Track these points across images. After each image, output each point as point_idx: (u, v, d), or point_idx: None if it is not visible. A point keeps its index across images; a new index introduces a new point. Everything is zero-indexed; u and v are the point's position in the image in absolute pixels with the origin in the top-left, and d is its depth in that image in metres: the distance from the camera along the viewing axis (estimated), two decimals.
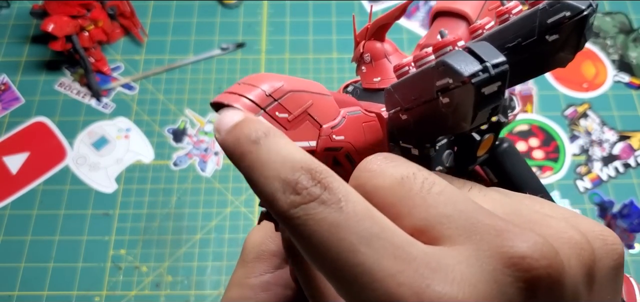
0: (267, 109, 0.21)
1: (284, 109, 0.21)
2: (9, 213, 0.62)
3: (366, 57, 0.27)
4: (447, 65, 0.18)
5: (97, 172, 0.65)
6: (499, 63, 0.17)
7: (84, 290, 0.58)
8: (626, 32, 0.74)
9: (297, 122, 0.22)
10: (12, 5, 0.77)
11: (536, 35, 0.20)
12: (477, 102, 0.18)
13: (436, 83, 0.18)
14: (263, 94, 0.21)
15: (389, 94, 0.22)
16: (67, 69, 0.72)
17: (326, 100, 0.23)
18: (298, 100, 0.22)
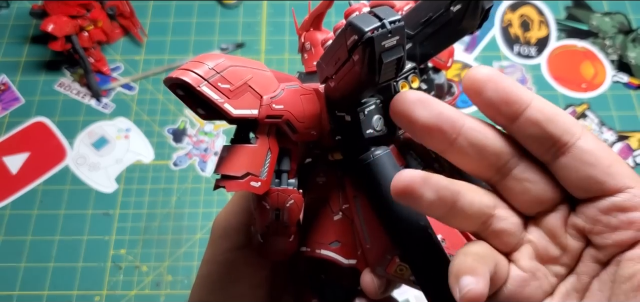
0: (210, 80, 0.24)
1: (225, 81, 0.24)
2: (9, 213, 0.62)
3: (307, 45, 0.30)
4: (352, 25, 0.21)
5: (97, 172, 0.65)
6: (395, 20, 0.21)
7: (84, 290, 0.58)
8: (625, 33, 0.74)
9: (238, 92, 0.24)
10: (11, 5, 0.77)
11: (443, 9, 0.24)
12: (379, 54, 0.21)
13: (347, 42, 0.22)
14: (207, 68, 0.24)
15: (319, 67, 0.25)
16: (66, 69, 0.72)
17: (265, 75, 0.26)
18: (238, 74, 0.25)
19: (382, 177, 0.25)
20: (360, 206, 0.28)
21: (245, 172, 0.24)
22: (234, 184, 0.25)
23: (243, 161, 0.25)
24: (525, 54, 0.73)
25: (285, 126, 0.26)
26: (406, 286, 0.30)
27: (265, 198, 0.26)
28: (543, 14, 0.76)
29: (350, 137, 0.27)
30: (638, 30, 0.74)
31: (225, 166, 0.25)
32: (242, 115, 0.25)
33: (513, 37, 0.74)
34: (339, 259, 0.29)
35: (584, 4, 0.77)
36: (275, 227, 0.28)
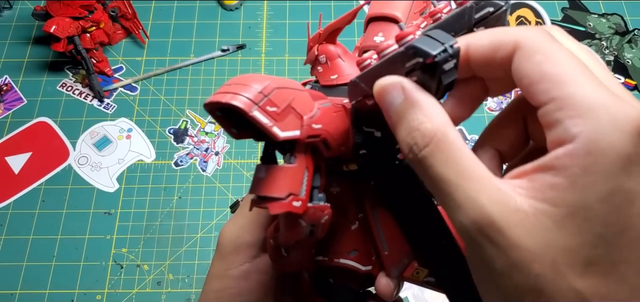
0: (260, 104, 0.23)
1: (273, 104, 0.24)
2: (11, 212, 0.63)
3: (321, 58, 0.30)
4: (417, 49, 0.21)
5: (99, 172, 0.65)
6: (453, 43, 0.21)
7: (85, 288, 0.58)
8: (621, 34, 0.75)
9: (284, 114, 0.25)
10: (14, 7, 0.78)
11: (466, 29, 0.24)
12: (439, 78, 0.21)
13: (406, 65, 0.22)
14: (256, 92, 0.24)
15: (353, 86, 0.25)
16: (69, 70, 0.73)
17: (304, 94, 0.26)
18: (283, 96, 0.25)
19: (412, 187, 0.27)
20: (378, 216, 0.29)
21: (288, 193, 0.25)
22: (278, 205, 0.24)
23: (284, 181, 0.25)
24: None
25: (321, 144, 0.26)
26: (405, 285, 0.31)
27: (302, 215, 0.26)
28: (540, 16, 0.77)
29: (378, 151, 0.27)
30: (634, 31, 0.75)
31: (267, 188, 0.25)
32: (288, 138, 0.25)
33: None
34: (358, 266, 0.30)
35: (581, 5, 0.77)
36: (303, 245, 0.28)
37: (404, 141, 0.21)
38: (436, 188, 0.20)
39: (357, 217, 0.30)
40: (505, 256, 0.18)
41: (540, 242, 0.18)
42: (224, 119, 0.25)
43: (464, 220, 0.19)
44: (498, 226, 0.19)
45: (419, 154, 0.20)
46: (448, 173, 0.20)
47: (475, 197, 0.19)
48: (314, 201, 0.27)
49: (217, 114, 0.25)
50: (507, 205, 0.19)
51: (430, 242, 0.27)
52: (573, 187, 0.18)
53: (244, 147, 0.68)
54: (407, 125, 0.21)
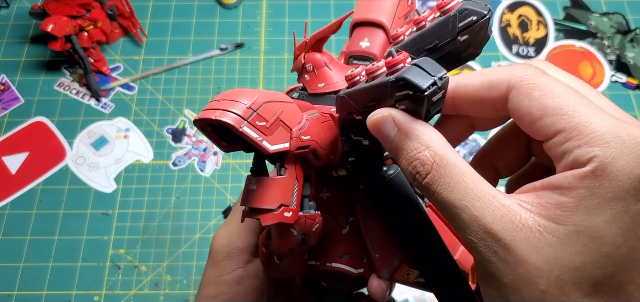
0: (249, 120, 0.24)
1: (262, 118, 0.25)
2: (8, 213, 0.62)
3: (309, 66, 0.30)
4: (407, 81, 0.22)
5: (97, 172, 0.65)
6: (443, 76, 0.22)
7: (83, 290, 0.58)
8: (623, 33, 0.74)
9: (273, 128, 0.25)
10: (11, 6, 0.77)
11: (450, 38, 0.25)
12: (428, 108, 0.22)
13: (396, 95, 0.23)
14: (244, 107, 0.24)
15: (341, 100, 0.26)
16: (66, 70, 0.72)
17: (292, 107, 0.27)
18: (272, 110, 0.25)
19: (400, 192, 0.27)
20: (368, 220, 0.30)
21: (279, 204, 0.25)
22: (270, 217, 0.25)
23: (275, 193, 0.25)
24: (524, 54, 0.73)
25: (311, 155, 0.27)
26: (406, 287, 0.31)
27: (293, 225, 0.27)
28: (541, 15, 0.76)
29: (366, 158, 0.28)
30: (637, 30, 0.74)
31: (258, 200, 0.25)
32: (277, 151, 0.25)
33: (512, 37, 0.74)
34: (350, 270, 0.30)
35: (583, 4, 0.77)
36: (296, 253, 0.29)
37: (406, 171, 0.22)
38: (443, 212, 0.21)
39: (348, 221, 0.31)
40: (513, 271, 0.19)
41: (545, 258, 0.18)
42: (214, 134, 0.26)
43: (472, 238, 0.20)
44: (505, 243, 0.19)
45: (423, 182, 0.21)
46: (452, 197, 0.20)
47: (480, 216, 0.19)
48: (305, 210, 0.27)
49: (207, 129, 0.26)
50: (512, 221, 0.19)
51: (420, 244, 0.27)
52: (579, 208, 0.18)
53: None
54: (407, 156, 0.22)
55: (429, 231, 0.27)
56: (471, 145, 0.66)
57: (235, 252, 0.33)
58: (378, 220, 0.30)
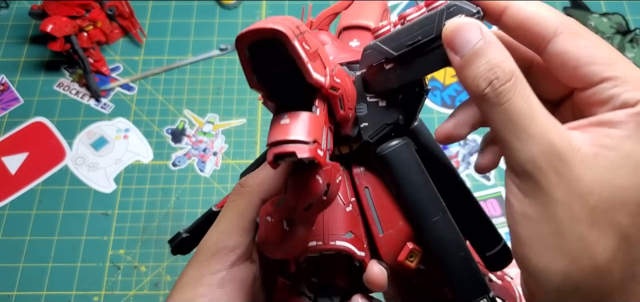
0: (298, 37, 0.23)
1: (307, 42, 0.24)
2: (8, 213, 0.62)
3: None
4: (458, 6, 0.24)
5: (96, 172, 0.65)
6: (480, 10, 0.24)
7: (82, 290, 0.58)
8: (623, 33, 0.74)
9: (314, 55, 0.24)
10: (11, 6, 0.77)
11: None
12: None
13: (444, 22, 0.24)
14: (294, 25, 0.24)
15: (372, 50, 0.27)
16: (66, 70, 0.72)
17: (326, 49, 0.27)
18: (312, 39, 0.25)
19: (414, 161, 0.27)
20: (371, 196, 0.29)
21: (313, 139, 0.23)
22: (304, 148, 0.23)
23: (310, 127, 0.23)
24: None
25: (337, 101, 0.26)
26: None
27: (320, 172, 0.25)
28: None
29: (379, 121, 0.28)
30: (636, 30, 0.74)
31: (290, 131, 0.23)
32: (317, 81, 0.24)
33: None
34: (354, 250, 0.28)
35: (582, 4, 0.77)
36: (312, 214, 0.27)
37: (481, 76, 0.22)
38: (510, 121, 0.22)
39: (350, 200, 0.29)
40: (568, 186, 0.21)
41: (598, 179, 0.21)
42: (248, 62, 0.24)
43: (535, 150, 0.21)
44: (565, 159, 0.21)
45: (500, 87, 0.22)
46: (525, 107, 0.22)
47: (546, 131, 0.21)
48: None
49: (246, 52, 0.24)
50: (571, 143, 0.21)
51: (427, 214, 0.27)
52: (629, 138, 0.21)
53: (242, 147, 0.67)
54: (488, 62, 0.22)
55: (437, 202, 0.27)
56: (470, 146, 0.66)
57: (222, 251, 0.30)
58: (383, 197, 0.29)
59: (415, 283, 0.30)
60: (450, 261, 0.26)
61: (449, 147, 0.65)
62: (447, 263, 0.26)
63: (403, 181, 0.27)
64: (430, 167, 0.28)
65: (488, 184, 0.63)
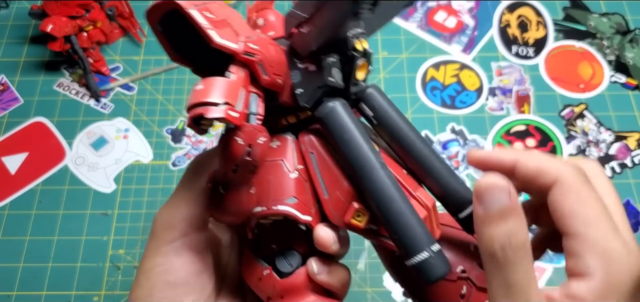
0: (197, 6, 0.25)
1: (210, 11, 0.26)
2: (7, 213, 0.62)
3: (259, 21, 0.33)
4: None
5: (96, 172, 0.65)
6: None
7: (82, 290, 0.58)
8: (623, 33, 0.74)
9: (220, 24, 0.26)
10: (10, 6, 0.77)
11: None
12: None
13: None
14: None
15: (289, 17, 0.28)
16: (65, 70, 0.72)
17: (243, 21, 0.28)
18: (221, 9, 0.27)
19: (347, 121, 0.28)
20: (316, 160, 0.30)
21: (224, 100, 0.25)
22: (215, 109, 0.25)
23: (221, 90, 0.25)
24: (523, 54, 0.73)
25: (257, 66, 0.27)
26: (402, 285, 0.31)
27: (238, 133, 0.27)
28: (541, 15, 0.76)
29: (312, 86, 0.29)
30: (636, 30, 0.75)
31: (202, 94, 0.25)
32: (224, 45, 0.26)
33: (511, 37, 0.74)
34: (296, 214, 0.29)
35: (582, 4, 0.77)
36: (242, 176, 0.29)
37: (498, 239, 0.25)
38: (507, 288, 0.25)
39: (296, 167, 0.30)
40: None
41: None
42: (163, 37, 0.27)
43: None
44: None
45: (510, 255, 0.24)
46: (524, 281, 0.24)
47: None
48: (250, 122, 0.28)
49: (157, 28, 0.27)
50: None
51: (368, 170, 0.27)
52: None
53: None
54: (508, 228, 0.25)
55: (375, 158, 0.27)
56: (470, 146, 0.66)
57: (174, 222, 0.32)
58: (327, 161, 0.30)
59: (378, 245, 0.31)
60: (391, 215, 0.27)
61: (449, 147, 0.65)
62: (388, 217, 0.27)
63: (338, 139, 0.28)
64: (389, 131, 0.30)
65: None
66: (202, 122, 0.26)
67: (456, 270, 0.30)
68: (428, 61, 0.72)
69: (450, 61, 0.72)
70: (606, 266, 0.24)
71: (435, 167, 0.30)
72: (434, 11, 0.77)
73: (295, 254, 0.31)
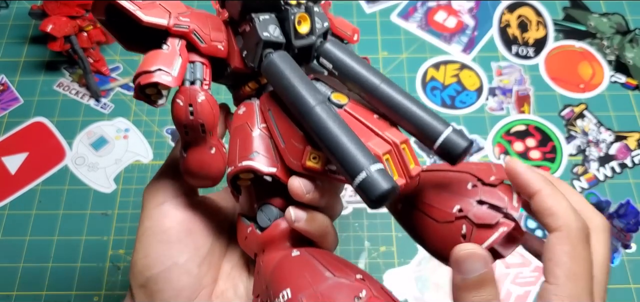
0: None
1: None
2: (7, 213, 0.62)
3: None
4: None
5: (96, 172, 0.65)
6: None
7: (82, 290, 0.58)
8: (623, 33, 0.74)
9: (150, 5, 0.29)
10: (10, 6, 0.77)
11: None
12: None
13: None
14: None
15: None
16: (66, 70, 0.72)
17: (180, 3, 0.31)
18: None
19: (285, 68, 0.30)
20: (273, 115, 0.32)
21: (157, 67, 0.28)
22: (147, 76, 0.28)
23: (155, 60, 0.29)
24: (523, 54, 0.73)
25: (193, 36, 0.30)
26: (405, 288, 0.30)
27: (178, 95, 0.30)
28: (541, 15, 0.76)
29: (252, 45, 0.31)
30: (636, 30, 0.75)
31: (140, 66, 0.28)
32: (152, 22, 0.29)
33: (511, 37, 0.75)
34: (258, 167, 0.31)
35: (582, 4, 0.77)
36: (194, 136, 0.31)
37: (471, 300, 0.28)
38: None
39: (258, 126, 0.32)
40: None
41: None
42: (111, 29, 0.30)
43: None
44: None
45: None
46: None
47: None
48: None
49: (104, 22, 0.30)
50: None
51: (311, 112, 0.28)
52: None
53: None
54: (483, 296, 0.27)
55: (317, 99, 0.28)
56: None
57: (159, 187, 0.34)
58: (282, 114, 0.31)
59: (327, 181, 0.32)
60: (330, 145, 0.27)
61: None
62: (329, 148, 0.28)
63: (278, 88, 0.30)
64: (351, 80, 0.31)
65: None
66: (147, 92, 0.29)
67: (453, 211, 0.30)
68: (428, 61, 0.72)
69: (450, 61, 0.72)
70: (567, 227, 0.28)
71: (402, 105, 0.30)
72: (434, 11, 0.77)
73: (272, 209, 0.33)
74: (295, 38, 0.31)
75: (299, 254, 0.31)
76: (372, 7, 0.76)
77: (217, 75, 0.34)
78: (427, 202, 0.31)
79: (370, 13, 0.76)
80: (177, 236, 0.33)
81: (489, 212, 0.29)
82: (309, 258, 0.30)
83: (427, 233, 0.32)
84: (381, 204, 0.26)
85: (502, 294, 0.54)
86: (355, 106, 0.31)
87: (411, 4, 0.77)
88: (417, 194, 0.32)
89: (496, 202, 0.29)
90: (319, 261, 0.29)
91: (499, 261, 0.33)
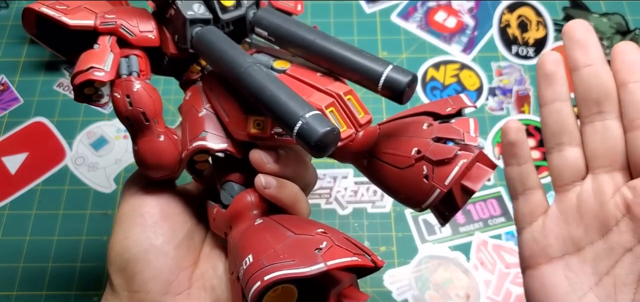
0: (46, 4, 0.30)
1: (62, 4, 0.31)
2: (7, 213, 0.62)
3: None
4: None
5: (96, 172, 0.65)
6: None
7: (82, 290, 0.58)
8: (623, 33, 0.75)
9: (75, 10, 0.31)
10: (11, 6, 0.77)
11: None
12: None
13: None
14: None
15: None
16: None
17: (105, 3, 0.33)
18: (72, 2, 0.32)
19: (213, 40, 0.30)
20: (214, 92, 0.33)
21: (89, 66, 0.30)
22: (81, 76, 0.30)
23: (87, 59, 0.30)
24: (523, 54, 0.73)
25: (121, 31, 0.31)
26: (404, 287, 0.30)
27: (114, 88, 0.31)
28: (541, 15, 0.76)
29: (179, 26, 0.32)
30: (635, 31, 0.75)
31: (75, 68, 0.30)
32: (79, 25, 0.30)
33: (511, 37, 0.75)
34: (209, 145, 0.32)
35: (582, 4, 0.77)
36: (139, 126, 0.32)
37: None
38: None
39: (204, 107, 0.33)
40: None
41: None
42: (45, 41, 0.33)
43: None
44: None
45: None
46: None
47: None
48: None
49: (40, 40, 0.32)
50: None
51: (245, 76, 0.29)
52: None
53: None
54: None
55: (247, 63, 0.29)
56: None
57: (134, 179, 0.37)
58: (224, 91, 0.32)
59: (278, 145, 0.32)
60: (266, 103, 0.28)
61: None
62: (266, 107, 0.28)
63: (210, 60, 0.31)
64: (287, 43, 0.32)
65: (488, 184, 0.63)
66: (86, 93, 0.31)
67: (411, 154, 0.29)
68: (428, 61, 0.72)
69: (450, 61, 0.72)
70: None
71: (340, 55, 0.30)
72: (434, 11, 0.77)
73: (233, 185, 0.33)
74: (222, 12, 0.32)
75: (262, 221, 0.31)
76: (372, 7, 0.76)
77: (158, 67, 0.35)
78: (388, 151, 0.31)
79: (370, 13, 0.76)
80: (154, 220, 0.35)
81: (445, 147, 0.28)
82: (271, 223, 0.30)
83: (393, 182, 0.31)
84: (324, 150, 0.26)
85: (502, 294, 0.54)
86: (298, 69, 0.32)
87: (411, 4, 0.77)
88: (378, 145, 0.32)
89: (452, 135, 0.29)
90: (281, 224, 0.29)
91: (498, 261, 0.33)
